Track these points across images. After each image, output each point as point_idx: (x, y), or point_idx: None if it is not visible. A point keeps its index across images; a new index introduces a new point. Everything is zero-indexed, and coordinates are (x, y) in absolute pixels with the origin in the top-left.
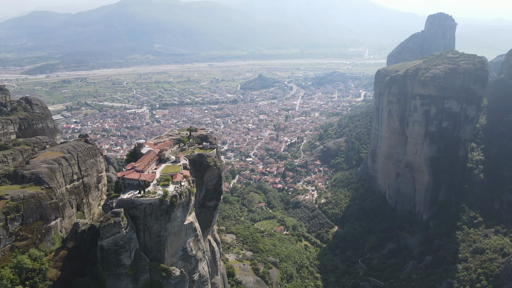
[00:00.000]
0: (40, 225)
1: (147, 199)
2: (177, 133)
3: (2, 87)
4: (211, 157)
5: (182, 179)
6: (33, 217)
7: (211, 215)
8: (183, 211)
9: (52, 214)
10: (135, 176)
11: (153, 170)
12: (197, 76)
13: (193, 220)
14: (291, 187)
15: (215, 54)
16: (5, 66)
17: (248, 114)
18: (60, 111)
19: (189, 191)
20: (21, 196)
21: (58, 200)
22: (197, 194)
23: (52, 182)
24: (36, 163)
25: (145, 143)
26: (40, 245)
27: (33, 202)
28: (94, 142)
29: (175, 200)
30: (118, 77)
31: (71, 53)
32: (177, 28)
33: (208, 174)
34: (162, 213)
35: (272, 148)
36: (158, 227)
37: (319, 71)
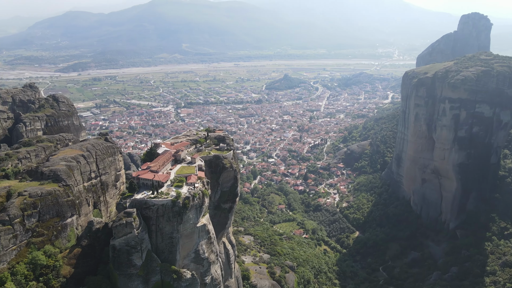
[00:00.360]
0: (56, 222)
1: (159, 200)
2: (195, 133)
3: (32, 84)
4: (227, 158)
5: (196, 180)
6: (49, 214)
7: (225, 217)
8: (196, 213)
9: (68, 211)
10: (149, 176)
11: (168, 171)
12: (223, 76)
13: (207, 222)
14: (313, 190)
15: (241, 53)
16: (41, 64)
17: (272, 114)
18: (90, 108)
19: (203, 193)
20: (39, 193)
21: (75, 198)
22: (212, 195)
23: (69, 180)
24: (55, 161)
25: (162, 143)
26: (56, 241)
27: (50, 199)
28: (113, 140)
29: (188, 202)
30: (146, 75)
31: (103, 52)
32: (205, 28)
33: (223, 175)
34: (174, 215)
35: (295, 150)
36: (170, 228)
37: (346, 72)
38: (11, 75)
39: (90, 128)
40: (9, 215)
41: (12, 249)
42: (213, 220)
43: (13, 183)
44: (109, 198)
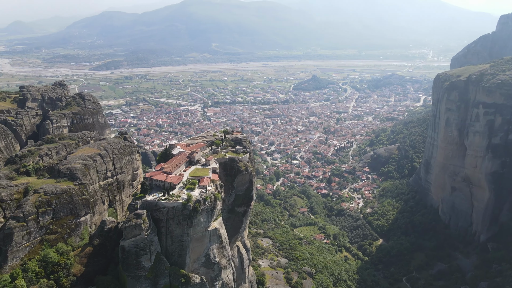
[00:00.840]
0: (70, 220)
1: (170, 202)
2: (212, 134)
3: (62, 82)
4: (243, 161)
5: (209, 183)
6: (63, 212)
7: (239, 221)
8: (207, 216)
9: (83, 209)
10: (161, 177)
11: (182, 172)
12: (251, 76)
13: (219, 226)
14: (336, 194)
15: (270, 53)
16: (77, 62)
17: (299, 115)
18: (120, 106)
19: (215, 196)
20: (54, 191)
21: (90, 196)
22: (226, 198)
23: (84, 179)
24: (73, 159)
25: (177, 144)
26: (69, 239)
27: (65, 197)
28: (132, 139)
29: (198, 205)
30: (175, 74)
31: (135, 51)
32: (235, 28)
33: (238, 179)
34: (184, 218)
35: (319, 152)
36: (180, 231)
37: (377, 73)
38: (49, 73)
39: (119, 125)
40: (23, 212)
41: (25, 245)
42: (226, 224)
43: (31, 179)
44: (125, 197)
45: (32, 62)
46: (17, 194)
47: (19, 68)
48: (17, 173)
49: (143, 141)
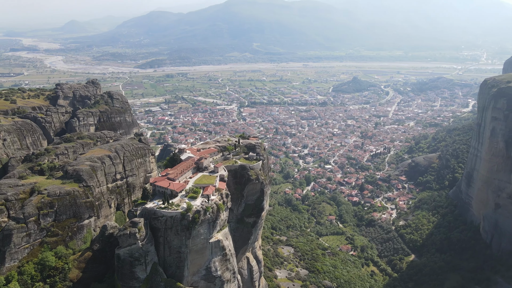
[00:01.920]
0: (73, 223)
1: (169, 211)
2: (226, 139)
3: (95, 81)
4: (254, 169)
5: (213, 192)
6: (66, 214)
7: (248, 232)
8: (208, 228)
9: (86, 212)
10: (164, 184)
11: (187, 179)
12: (290, 76)
13: (222, 237)
14: (368, 202)
15: (311, 54)
16: (123, 60)
17: (336, 118)
18: (159, 104)
19: (218, 207)
20: (57, 193)
21: (95, 199)
22: (234, 208)
23: (90, 181)
24: (81, 160)
25: (187, 149)
26: (70, 242)
27: (68, 200)
28: (147, 141)
29: (198, 216)
30: (215, 73)
31: (178, 49)
32: (277, 27)
33: (248, 188)
34: (182, 229)
35: (354, 157)
36: (178, 242)
37: (423, 75)
38: (97, 70)
39: (157, 123)
40: (24, 213)
41: (24, 247)
42: (234, 234)
43: (40, 179)
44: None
45: (83, 60)
46: (23, 194)
47: (71, 65)
48: (32, 171)
49: (177, 140)
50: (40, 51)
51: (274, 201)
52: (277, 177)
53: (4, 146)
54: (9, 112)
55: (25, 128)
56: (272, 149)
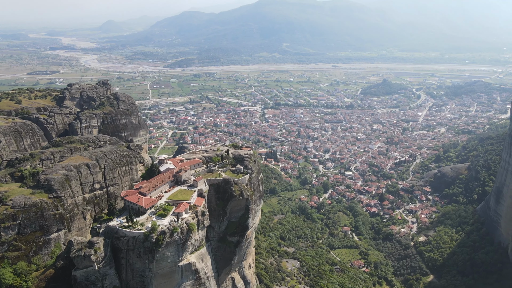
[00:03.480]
0: (38, 237)
1: (131, 231)
2: (216, 149)
3: (105, 81)
4: (238, 184)
5: (186, 210)
6: (31, 227)
7: (231, 252)
8: (176, 250)
9: (54, 225)
10: (134, 199)
11: (161, 194)
12: (318, 77)
13: (196, 260)
14: (387, 214)
15: (341, 55)
16: (154, 59)
17: (361, 122)
18: (184, 103)
19: (189, 227)
20: (22, 204)
21: (66, 211)
22: (215, 225)
23: (62, 191)
24: (57, 168)
25: (168, 159)
26: (34, 258)
27: (34, 212)
28: (136, 148)
29: (162, 238)
30: (242, 73)
31: (207, 49)
32: (307, 27)
33: (232, 204)
34: (145, 251)
35: (376, 164)
36: (141, 265)
37: (459, 78)
38: (128, 69)
39: (179, 123)
40: None
41: None
42: (216, 254)
43: (13, 187)
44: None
45: (116, 59)
46: None
47: (104, 63)
48: (12, 177)
49: (197, 140)
50: (77, 50)
51: (288, 208)
52: (293, 182)
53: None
54: (13, 112)
55: (24, 129)
56: (292, 153)
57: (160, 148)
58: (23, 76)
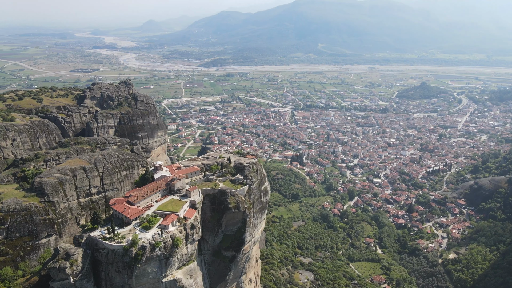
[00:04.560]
0: (26, 242)
1: (111, 243)
2: (218, 156)
3: (128, 81)
4: (235, 196)
5: (174, 222)
6: (20, 232)
7: (226, 267)
8: (159, 266)
9: (44, 230)
10: (120, 208)
11: (151, 203)
12: (353, 79)
13: (183, 276)
14: (416, 227)
15: (379, 56)
16: (189, 58)
17: (395, 126)
18: (215, 103)
19: (174, 241)
20: (11, 208)
21: (58, 216)
22: (209, 238)
23: (54, 196)
24: (52, 171)
25: (164, 166)
26: (21, 263)
27: (23, 216)
28: (140, 151)
29: (141, 253)
30: (275, 74)
31: (242, 49)
32: (344, 28)
33: (227, 217)
34: (124, 266)
35: (408, 172)
36: (120, 280)
37: (506, 83)
38: (164, 68)
39: (208, 122)
40: None
41: None
42: (210, 268)
43: (9, 189)
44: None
45: (153, 58)
46: None
47: (142, 62)
48: (14, 177)
49: (223, 141)
50: (118, 49)
51: (309, 215)
52: (318, 188)
53: (13, 147)
54: (33, 111)
55: (40, 128)
56: (319, 157)
57: (187, 148)
58: (66, 73)
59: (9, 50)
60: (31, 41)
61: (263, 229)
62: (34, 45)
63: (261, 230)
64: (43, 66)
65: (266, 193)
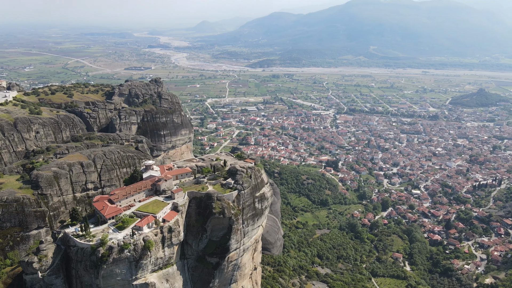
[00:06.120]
0: (17, 232)
1: (81, 241)
2: (215, 158)
3: (158, 79)
4: (221, 201)
5: (150, 224)
6: (10, 222)
7: (209, 274)
8: (129, 268)
9: (35, 222)
10: (99, 206)
11: (133, 203)
12: (403, 84)
13: (157, 280)
14: (452, 245)
15: (435, 60)
16: (237, 59)
17: (444, 135)
18: (257, 103)
19: (146, 244)
20: (4, 198)
21: (50, 209)
22: (193, 243)
23: (48, 189)
24: (51, 165)
25: (154, 166)
26: (10, 253)
27: (15, 207)
28: (144, 149)
29: (107, 254)
30: (322, 76)
31: (290, 50)
32: (399, 30)
33: (212, 222)
34: (91, 265)
35: (451, 185)
36: (88, 279)
37: None
38: (211, 67)
39: (247, 123)
40: None
41: None
42: (193, 274)
43: (11, 180)
44: None
45: (203, 57)
46: None
47: (192, 62)
48: (23, 168)
49: (259, 142)
50: (171, 48)
51: (336, 223)
52: (350, 195)
53: (36, 139)
54: (62, 105)
55: (65, 122)
56: (356, 163)
57: (222, 147)
58: (120, 71)
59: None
60: (94, 40)
61: (258, 237)
62: (96, 44)
63: (255, 238)
64: (101, 64)
65: (263, 200)
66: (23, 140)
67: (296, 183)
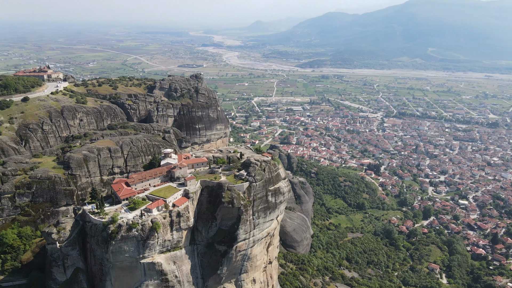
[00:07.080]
0: (48, 207)
1: (95, 218)
2: (232, 151)
3: (198, 75)
4: (232, 191)
5: (157, 208)
6: (43, 197)
7: (217, 261)
8: (136, 246)
9: (64, 199)
10: (116, 187)
11: (147, 187)
12: (462, 88)
13: (164, 261)
14: (497, 260)
15: (501, 63)
16: (288, 58)
17: (502, 144)
18: (303, 104)
19: (153, 225)
20: (38, 176)
21: (78, 189)
22: (203, 229)
23: (77, 170)
24: (82, 148)
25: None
26: (41, 225)
27: (47, 184)
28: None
29: (116, 231)
30: (373, 78)
31: (343, 51)
32: (461, 31)
33: (222, 211)
34: (102, 240)
35: (504, 198)
36: (100, 253)
37: None
38: (261, 66)
39: (291, 122)
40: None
41: None
42: (202, 260)
43: (48, 160)
44: None
45: (254, 56)
46: (21, 171)
47: (242, 60)
48: (62, 151)
49: (301, 142)
50: (223, 47)
51: (371, 228)
52: (389, 201)
53: (79, 126)
54: (107, 96)
55: (107, 111)
56: (399, 169)
57: (263, 145)
58: (174, 68)
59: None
60: (152, 38)
61: (272, 231)
62: (154, 42)
63: (267, 231)
64: (157, 61)
65: (277, 194)
66: (68, 127)
67: (333, 185)
